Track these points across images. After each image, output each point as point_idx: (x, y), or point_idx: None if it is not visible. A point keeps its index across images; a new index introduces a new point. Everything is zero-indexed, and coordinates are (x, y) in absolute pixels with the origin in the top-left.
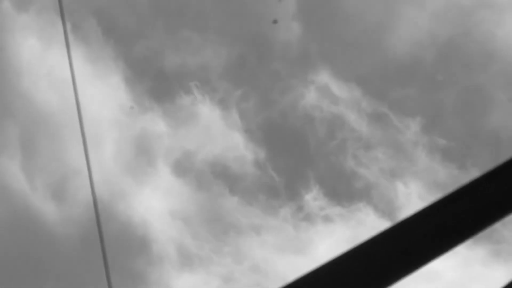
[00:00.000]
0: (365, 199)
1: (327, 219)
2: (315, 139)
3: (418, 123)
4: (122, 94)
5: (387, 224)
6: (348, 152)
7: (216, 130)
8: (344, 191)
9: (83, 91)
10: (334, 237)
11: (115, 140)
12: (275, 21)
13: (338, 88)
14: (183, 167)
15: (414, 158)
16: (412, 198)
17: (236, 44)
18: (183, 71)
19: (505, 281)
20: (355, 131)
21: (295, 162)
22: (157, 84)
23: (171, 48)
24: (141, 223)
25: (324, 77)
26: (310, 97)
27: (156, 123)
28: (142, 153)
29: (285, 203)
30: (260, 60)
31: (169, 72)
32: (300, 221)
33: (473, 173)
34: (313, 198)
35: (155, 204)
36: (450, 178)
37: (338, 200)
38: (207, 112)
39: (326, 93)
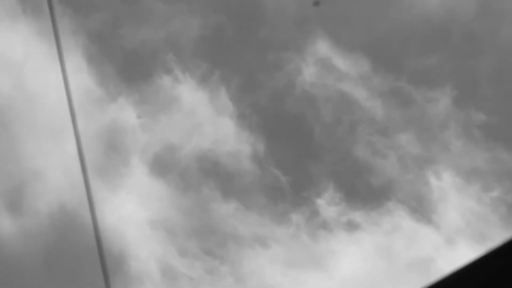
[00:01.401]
0: (392, 197)
1: (349, 225)
2: (320, 125)
3: (447, 96)
4: (85, 77)
5: (425, 227)
6: (362, 140)
7: (202, 117)
8: (365, 189)
9: (37, 74)
10: (361, 247)
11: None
12: (316, 3)
13: (342, 61)
14: (163, 165)
15: (445, 140)
16: (448, 192)
17: (212, 10)
18: (154, 47)
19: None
20: (368, 113)
21: (301, 155)
22: (125, 64)
23: (135, 20)
24: (116, 236)
25: (324, 47)
26: (309, 73)
27: (128, 112)
28: (113, 150)
29: (295, 207)
30: (244, 28)
31: (137, 49)
32: (315, 229)
33: None
34: (328, 200)
35: (132, 212)
36: (492, 162)
37: (359, 201)
38: (188, 95)
39: (328, 67)
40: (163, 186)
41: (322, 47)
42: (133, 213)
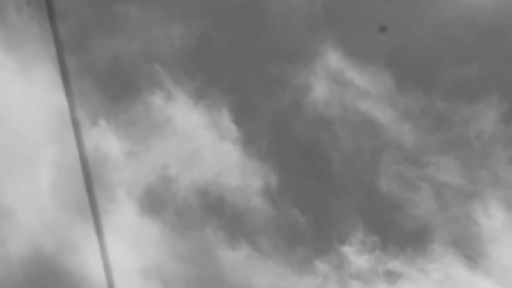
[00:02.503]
0: (434, 239)
1: (389, 275)
2: (338, 152)
3: (494, 111)
4: (58, 95)
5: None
6: (388, 170)
7: (201, 142)
8: (399, 230)
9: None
10: None
11: (53, 164)
12: (383, 29)
13: (359, 74)
14: (157, 201)
15: (493, 166)
16: (500, 231)
17: (196, 16)
18: (133, 60)
19: None
20: (394, 138)
21: (319, 190)
22: (103, 80)
23: (107, 29)
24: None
25: (336, 57)
26: (320, 89)
27: (111, 137)
28: (95, 183)
29: (319, 253)
30: (238, 36)
31: (114, 62)
32: (347, 281)
33: None
34: (359, 244)
35: (120, 259)
36: None
37: (395, 245)
38: (183, 115)
39: (342, 83)
40: (157, 227)
41: (334, 57)
42: (122, 260)
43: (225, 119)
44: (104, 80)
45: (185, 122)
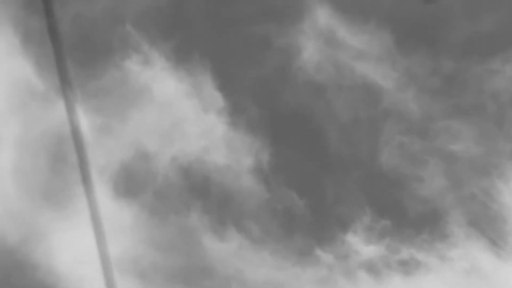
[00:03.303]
0: (451, 221)
1: (405, 265)
2: (334, 123)
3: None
4: (20, 63)
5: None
6: (391, 143)
7: (183, 113)
8: (409, 212)
9: None
10: None
11: (15, 143)
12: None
13: (352, 33)
14: (133, 181)
15: None
16: None
17: None
18: (98, 19)
19: None
20: (397, 105)
21: (315, 168)
22: (69, 44)
23: None
24: (70, 280)
25: (326, 14)
26: (310, 51)
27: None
28: (62, 163)
29: (321, 242)
30: None
31: (78, 23)
32: (355, 272)
33: None
34: (366, 230)
35: (91, 248)
36: None
37: (407, 229)
38: (162, 83)
39: (335, 43)
40: (133, 212)
41: (324, 14)
42: (93, 249)
43: (208, 87)
44: (67, 45)
45: (162, 91)
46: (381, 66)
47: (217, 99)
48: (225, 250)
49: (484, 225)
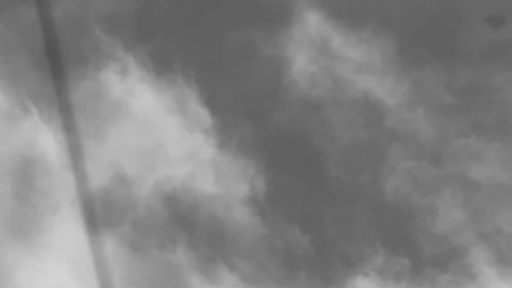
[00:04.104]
0: (477, 259)
1: None
2: (333, 146)
3: None
4: None
5: None
6: (399, 170)
7: (164, 132)
8: (425, 248)
9: None
10: None
11: None
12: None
13: (349, 41)
14: (109, 212)
15: None
16: None
17: None
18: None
19: None
20: (405, 125)
21: (316, 197)
22: (34, 55)
23: None
24: None
25: (318, 19)
26: (303, 60)
27: (46, 132)
28: (29, 189)
29: (328, 283)
30: None
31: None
32: None
33: None
34: (380, 270)
35: (62, 286)
36: None
37: (426, 267)
38: (140, 96)
39: (329, 51)
40: (110, 246)
41: (316, 19)
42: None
43: (192, 101)
44: (30, 55)
45: (141, 105)
46: (385, 79)
47: (203, 116)
48: None
49: None
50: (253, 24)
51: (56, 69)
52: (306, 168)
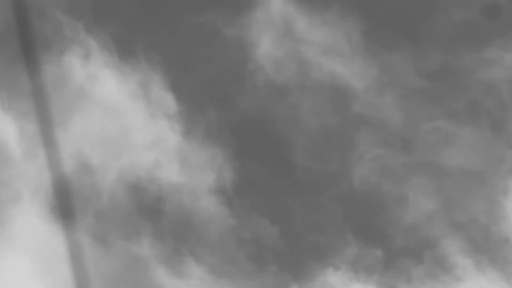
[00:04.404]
0: (452, 250)
1: None
2: (300, 133)
3: None
4: None
5: None
6: (369, 156)
7: (129, 120)
8: (403, 243)
9: None
10: None
11: None
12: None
13: (313, 23)
14: (72, 201)
15: None
16: None
17: None
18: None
19: None
20: (374, 111)
21: (285, 187)
22: None
23: None
24: None
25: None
26: (267, 44)
27: (4, 119)
28: None
29: (300, 278)
30: None
31: None
32: None
33: None
34: (354, 263)
35: (24, 280)
36: None
37: (402, 259)
38: (104, 83)
39: (294, 34)
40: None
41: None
42: (27, 282)
43: (156, 87)
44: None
45: (105, 91)
46: (352, 63)
47: (168, 101)
48: (183, 286)
49: (491, 252)
50: (215, 6)
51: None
52: (273, 157)
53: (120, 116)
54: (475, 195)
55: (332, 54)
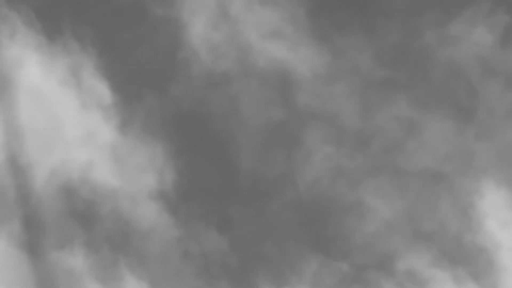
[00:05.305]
0: (407, 257)
1: None
2: (244, 129)
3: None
4: None
5: None
6: (319, 155)
7: (59, 111)
8: (362, 255)
9: None
10: None
11: None
12: None
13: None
14: None
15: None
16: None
17: None
18: None
19: None
20: (324, 103)
21: (233, 191)
22: None
23: None
24: None
25: None
26: (200, 26)
27: None
28: None
29: None
30: None
31: None
32: None
33: None
34: (311, 278)
35: None
36: None
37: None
38: (31, 67)
39: (230, 16)
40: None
41: None
42: None
43: (88, 74)
44: None
45: (32, 76)
46: (298, 48)
47: (101, 90)
48: None
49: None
50: None
51: None
52: (215, 156)
53: (48, 106)
54: (443, 198)
55: (275, 37)
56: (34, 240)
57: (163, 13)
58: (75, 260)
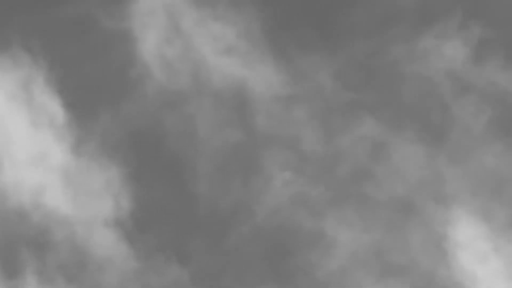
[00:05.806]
0: None
1: None
2: (199, 153)
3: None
4: None
5: None
6: (278, 182)
7: (8, 129)
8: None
9: None
10: None
11: None
12: None
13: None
14: None
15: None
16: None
17: None
18: None
19: None
20: (283, 124)
21: (191, 221)
22: None
23: None
24: None
25: None
26: (152, 41)
27: None
28: None
29: None
30: None
31: None
32: None
33: None
34: None
35: None
36: None
37: None
38: None
39: (183, 31)
40: None
41: None
42: None
43: (39, 89)
44: None
45: None
46: (255, 66)
47: (53, 107)
48: None
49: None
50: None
51: None
52: (172, 183)
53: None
54: (414, 229)
55: (230, 54)
56: None
57: (114, 25)
58: None
